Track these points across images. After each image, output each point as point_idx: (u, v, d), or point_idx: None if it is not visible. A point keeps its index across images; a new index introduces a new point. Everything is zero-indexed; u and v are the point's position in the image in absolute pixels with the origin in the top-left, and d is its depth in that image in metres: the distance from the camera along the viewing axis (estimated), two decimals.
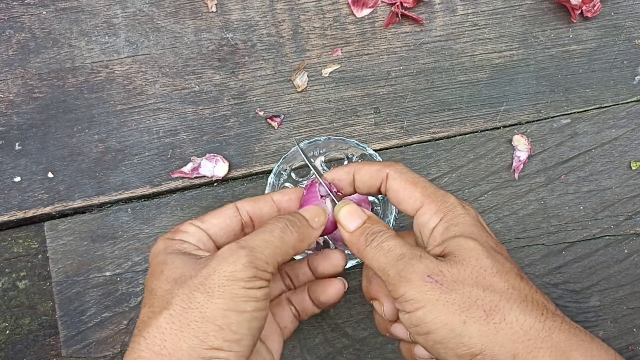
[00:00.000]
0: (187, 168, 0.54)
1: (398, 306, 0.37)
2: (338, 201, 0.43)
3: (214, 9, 0.56)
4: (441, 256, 0.38)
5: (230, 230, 0.42)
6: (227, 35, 0.56)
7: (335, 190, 0.43)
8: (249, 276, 0.36)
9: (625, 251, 0.55)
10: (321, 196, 0.43)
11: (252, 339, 0.36)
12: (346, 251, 0.48)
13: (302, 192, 0.44)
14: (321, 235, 0.43)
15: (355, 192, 0.44)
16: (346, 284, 0.44)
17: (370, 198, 0.52)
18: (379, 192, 0.43)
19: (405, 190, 0.40)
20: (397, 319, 0.41)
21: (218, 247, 0.41)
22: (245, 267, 0.36)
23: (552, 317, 0.35)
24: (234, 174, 0.55)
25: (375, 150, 0.54)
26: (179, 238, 0.40)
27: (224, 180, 0.55)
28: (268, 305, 0.38)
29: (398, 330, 0.42)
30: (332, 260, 0.44)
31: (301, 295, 0.45)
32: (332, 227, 0.43)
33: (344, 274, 0.54)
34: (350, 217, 0.41)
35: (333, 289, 0.43)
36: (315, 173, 0.43)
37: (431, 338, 0.35)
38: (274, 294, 0.45)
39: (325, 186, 0.43)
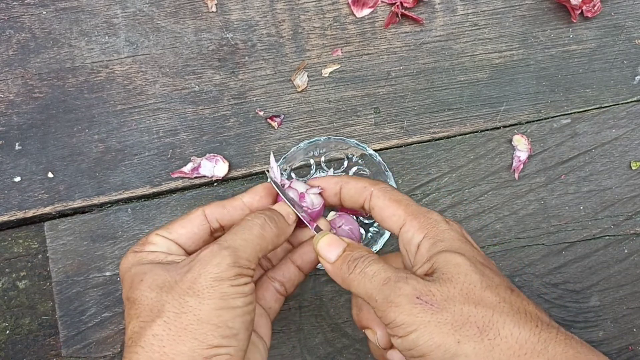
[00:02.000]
0: (187, 168, 0.54)
1: (390, 332, 0.36)
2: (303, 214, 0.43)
3: (214, 9, 0.56)
4: (429, 274, 0.37)
5: (199, 239, 0.42)
6: (227, 35, 0.56)
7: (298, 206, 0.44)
8: (234, 274, 0.37)
9: (625, 251, 0.55)
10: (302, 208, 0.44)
11: (247, 331, 0.37)
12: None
13: (271, 187, 0.44)
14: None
15: (339, 204, 0.44)
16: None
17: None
18: (363, 208, 0.43)
19: (389, 208, 0.41)
20: (391, 346, 0.41)
21: (189, 254, 0.41)
22: (229, 267, 0.37)
23: (547, 329, 0.35)
24: (234, 174, 0.55)
25: (375, 150, 0.54)
26: (148, 250, 0.40)
27: (224, 180, 0.55)
28: (255, 298, 0.38)
29: (394, 356, 0.41)
30: (308, 233, 0.44)
31: (282, 268, 0.45)
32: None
33: None
34: (328, 247, 0.41)
35: (312, 250, 0.43)
36: (278, 191, 0.44)
37: None
38: (254, 280, 0.46)
39: (289, 202, 0.43)
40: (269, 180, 0.45)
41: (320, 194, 0.44)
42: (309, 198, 0.44)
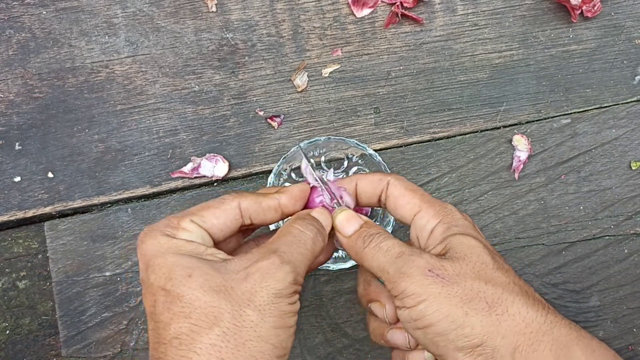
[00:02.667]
0: (187, 168, 0.54)
1: (398, 303, 0.37)
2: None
3: (214, 9, 0.56)
4: (442, 254, 0.38)
5: (230, 232, 0.40)
6: (227, 35, 0.56)
7: (335, 200, 0.44)
8: (292, 292, 0.36)
9: (625, 251, 0.55)
10: (323, 205, 0.44)
11: (290, 349, 0.37)
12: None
13: (307, 192, 0.44)
14: None
15: (356, 203, 0.44)
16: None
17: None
18: (379, 203, 0.43)
19: (405, 196, 0.41)
20: (396, 322, 0.42)
21: (216, 243, 0.39)
22: (290, 284, 0.36)
23: (553, 312, 0.36)
24: (234, 174, 0.55)
25: (375, 150, 0.53)
26: (184, 238, 0.37)
27: (224, 180, 0.55)
28: None
29: (395, 336, 0.42)
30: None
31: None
32: None
33: (344, 274, 0.55)
34: (347, 222, 0.41)
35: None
36: (321, 184, 0.44)
37: (432, 331, 0.35)
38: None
39: (331, 194, 0.44)
40: (296, 148, 0.45)
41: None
42: (345, 197, 0.44)
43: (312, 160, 0.46)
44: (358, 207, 0.49)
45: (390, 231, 0.50)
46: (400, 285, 0.36)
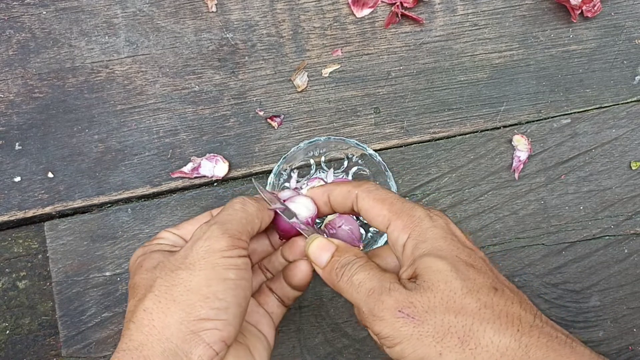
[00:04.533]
0: (187, 168, 0.54)
1: (379, 342, 0.37)
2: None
3: (214, 9, 0.56)
4: (413, 277, 0.37)
5: None
6: (227, 35, 0.56)
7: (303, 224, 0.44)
8: (226, 245, 0.37)
9: (625, 251, 0.55)
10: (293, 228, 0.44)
11: (239, 307, 0.37)
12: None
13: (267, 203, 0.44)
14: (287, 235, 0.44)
15: (332, 211, 0.45)
16: (311, 266, 0.44)
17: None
18: (354, 213, 0.43)
19: (374, 208, 0.41)
20: None
21: None
22: (220, 238, 0.38)
23: (528, 332, 0.35)
24: (234, 174, 0.55)
25: (375, 150, 0.53)
26: (155, 242, 0.42)
27: (224, 180, 0.55)
28: (251, 276, 0.39)
29: None
30: (297, 248, 0.44)
31: (279, 282, 0.45)
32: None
33: None
34: (319, 252, 0.41)
35: (300, 272, 0.43)
36: (283, 216, 0.44)
37: None
38: (255, 286, 0.46)
39: (296, 226, 0.43)
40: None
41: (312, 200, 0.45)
42: (300, 205, 0.44)
43: (265, 187, 0.47)
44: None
45: (384, 242, 0.49)
46: (375, 328, 0.36)
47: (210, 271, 0.37)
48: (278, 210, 0.43)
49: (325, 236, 0.42)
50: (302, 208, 0.44)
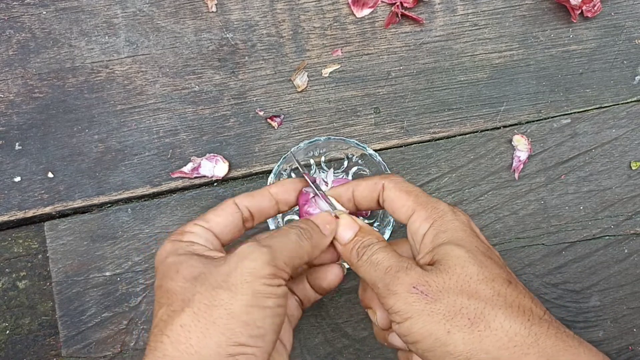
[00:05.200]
0: (187, 168, 0.54)
1: (390, 317, 0.38)
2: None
3: (214, 9, 0.56)
4: (430, 264, 0.38)
5: (234, 227, 0.42)
6: (227, 35, 0.56)
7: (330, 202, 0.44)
8: (269, 273, 0.37)
9: (625, 251, 0.55)
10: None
11: (274, 334, 0.37)
12: None
13: (299, 183, 0.44)
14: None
15: (354, 208, 0.45)
16: (344, 268, 0.45)
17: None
18: (378, 205, 0.43)
19: (399, 199, 0.41)
20: (390, 327, 0.42)
21: (223, 244, 0.42)
22: (266, 265, 0.37)
23: (538, 323, 0.35)
24: (234, 174, 0.55)
25: (375, 150, 0.53)
26: (188, 239, 0.40)
27: (224, 180, 0.55)
28: (286, 302, 0.38)
29: (396, 339, 0.42)
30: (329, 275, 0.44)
31: (301, 284, 0.45)
32: None
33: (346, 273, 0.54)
34: (342, 228, 0.42)
35: (332, 275, 0.44)
36: (313, 187, 0.44)
37: (420, 347, 0.36)
38: None
39: (323, 198, 0.44)
40: (291, 170, 0.45)
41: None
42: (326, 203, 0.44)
43: (304, 167, 0.46)
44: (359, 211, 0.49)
45: (389, 232, 0.50)
46: (388, 302, 0.37)
47: (251, 297, 0.36)
48: (316, 195, 0.43)
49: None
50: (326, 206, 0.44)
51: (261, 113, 0.55)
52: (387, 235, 0.50)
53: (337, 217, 0.43)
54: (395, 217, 0.42)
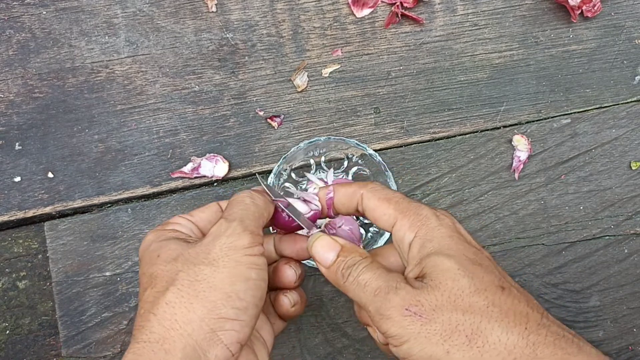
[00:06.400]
0: (187, 168, 0.54)
1: (386, 340, 0.37)
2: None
3: (214, 9, 0.56)
4: (420, 277, 0.37)
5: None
6: (227, 35, 0.56)
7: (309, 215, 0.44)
8: (248, 242, 0.38)
9: (625, 251, 0.55)
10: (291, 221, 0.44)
11: (256, 308, 0.38)
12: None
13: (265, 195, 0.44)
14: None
15: (335, 213, 0.44)
16: (297, 272, 0.44)
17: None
18: (359, 214, 0.43)
19: (380, 207, 0.40)
20: None
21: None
22: (242, 235, 0.38)
23: (536, 330, 0.35)
24: (234, 174, 0.55)
25: (375, 150, 0.54)
26: (170, 228, 0.41)
27: (224, 180, 0.55)
28: (267, 277, 0.39)
29: None
30: (297, 244, 0.44)
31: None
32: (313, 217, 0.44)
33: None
34: (323, 250, 0.41)
35: (285, 276, 0.43)
36: (288, 212, 0.43)
37: None
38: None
39: (297, 219, 0.44)
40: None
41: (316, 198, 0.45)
42: (303, 203, 0.44)
43: (267, 182, 0.46)
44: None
45: (388, 234, 0.50)
46: (382, 327, 0.36)
47: (233, 269, 0.37)
48: (280, 204, 0.43)
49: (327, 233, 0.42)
50: (302, 205, 0.44)
51: (261, 113, 0.55)
52: (385, 237, 0.50)
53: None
54: (379, 225, 0.41)
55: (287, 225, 0.44)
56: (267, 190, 0.43)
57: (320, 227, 0.47)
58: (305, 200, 0.44)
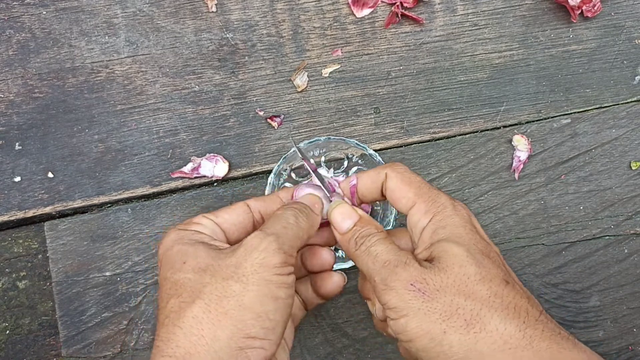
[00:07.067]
0: (187, 168, 0.54)
1: (385, 313, 0.37)
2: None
3: (214, 9, 0.56)
4: (429, 260, 0.38)
5: (243, 227, 0.42)
6: (227, 35, 0.56)
7: (331, 189, 0.44)
8: (280, 262, 0.36)
9: (625, 251, 0.55)
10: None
11: (283, 327, 0.37)
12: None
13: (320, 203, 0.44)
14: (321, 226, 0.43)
15: (359, 202, 0.44)
16: (345, 278, 0.45)
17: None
18: (383, 196, 0.43)
19: (400, 189, 0.41)
20: None
21: (230, 243, 0.41)
22: (275, 253, 0.36)
23: (533, 325, 0.35)
24: (234, 174, 0.55)
25: (375, 150, 0.54)
26: (194, 229, 0.40)
27: (224, 180, 0.55)
28: (294, 293, 0.38)
29: None
30: (320, 259, 0.44)
31: (305, 286, 0.45)
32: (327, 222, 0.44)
33: (345, 272, 0.54)
34: (341, 217, 0.41)
35: (331, 283, 0.44)
36: (310, 169, 0.44)
37: (414, 345, 0.35)
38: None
39: (328, 186, 0.44)
40: (293, 150, 0.45)
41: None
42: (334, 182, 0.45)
43: (309, 158, 0.46)
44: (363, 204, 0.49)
45: (392, 221, 0.50)
46: (384, 297, 0.36)
47: (263, 288, 0.36)
48: (309, 167, 0.43)
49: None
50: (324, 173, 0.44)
51: (261, 113, 0.55)
52: (391, 218, 0.50)
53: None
54: (396, 207, 0.41)
55: None
56: (299, 152, 0.43)
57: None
58: (328, 190, 0.44)
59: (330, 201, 0.43)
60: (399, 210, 0.41)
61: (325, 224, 0.44)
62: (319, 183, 0.45)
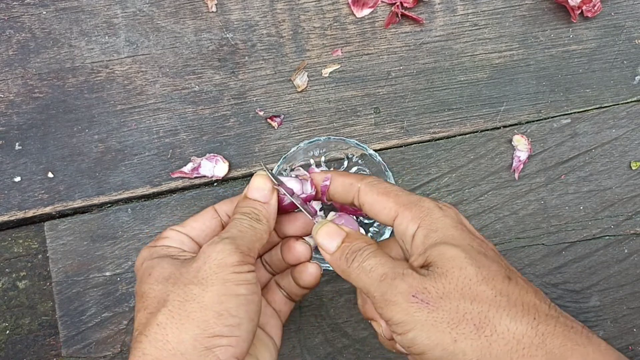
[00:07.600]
0: (187, 168, 0.54)
1: (390, 328, 0.36)
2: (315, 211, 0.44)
3: (214, 9, 0.56)
4: (425, 266, 0.37)
5: (211, 232, 0.43)
6: (227, 35, 0.56)
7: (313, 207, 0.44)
8: (236, 261, 0.37)
9: (625, 251, 0.55)
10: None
11: (251, 323, 0.37)
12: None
13: (270, 183, 0.43)
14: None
15: (329, 199, 0.44)
16: (321, 268, 0.44)
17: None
18: (354, 205, 0.43)
19: (379, 202, 0.40)
20: None
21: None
22: (232, 253, 0.37)
23: (544, 321, 0.34)
24: (234, 174, 0.55)
25: (375, 150, 0.54)
26: (161, 244, 0.41)
27: (224, 180, 0.55)
28: (260, 290, 0.39)
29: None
30: (296, 253, 0.44)
31: (287, 279, 0.45)
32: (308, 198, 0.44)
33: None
34: (328, 237, 0.40)
35: (308, 275, 0.44)
36: (291, 199, 0.43)
37: (427, 358, 0.35)
38: (262, 282, 0.46)
39: (306, 208, 0.44)
40: (263, 171, 0.45)
41: (310, 182, 0.45)
42: (298, 183, 0.44)
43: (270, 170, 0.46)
44: (343, 208, 0.49)
45: (389, 231, 0.50)
46: (387, 313, 0.35)
47: (222, 287, 0.36)
48: (284, 191, 0.43)
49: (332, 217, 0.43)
50: (295, 184, 0.43)
51: (261, 113, 0.55)
52: (387, 234, 0.51)
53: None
54: (379, 220, 0.40)
55: (286, 210, 0.44)
56: (271, 177, 0.43)
57: (324, 216, 0.47)
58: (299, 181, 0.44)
59: (315, 222, 0.43)
60: (382, 223, 0.40)
61: (294, 209, 0.43)
62: (303, 176, 0.44)
